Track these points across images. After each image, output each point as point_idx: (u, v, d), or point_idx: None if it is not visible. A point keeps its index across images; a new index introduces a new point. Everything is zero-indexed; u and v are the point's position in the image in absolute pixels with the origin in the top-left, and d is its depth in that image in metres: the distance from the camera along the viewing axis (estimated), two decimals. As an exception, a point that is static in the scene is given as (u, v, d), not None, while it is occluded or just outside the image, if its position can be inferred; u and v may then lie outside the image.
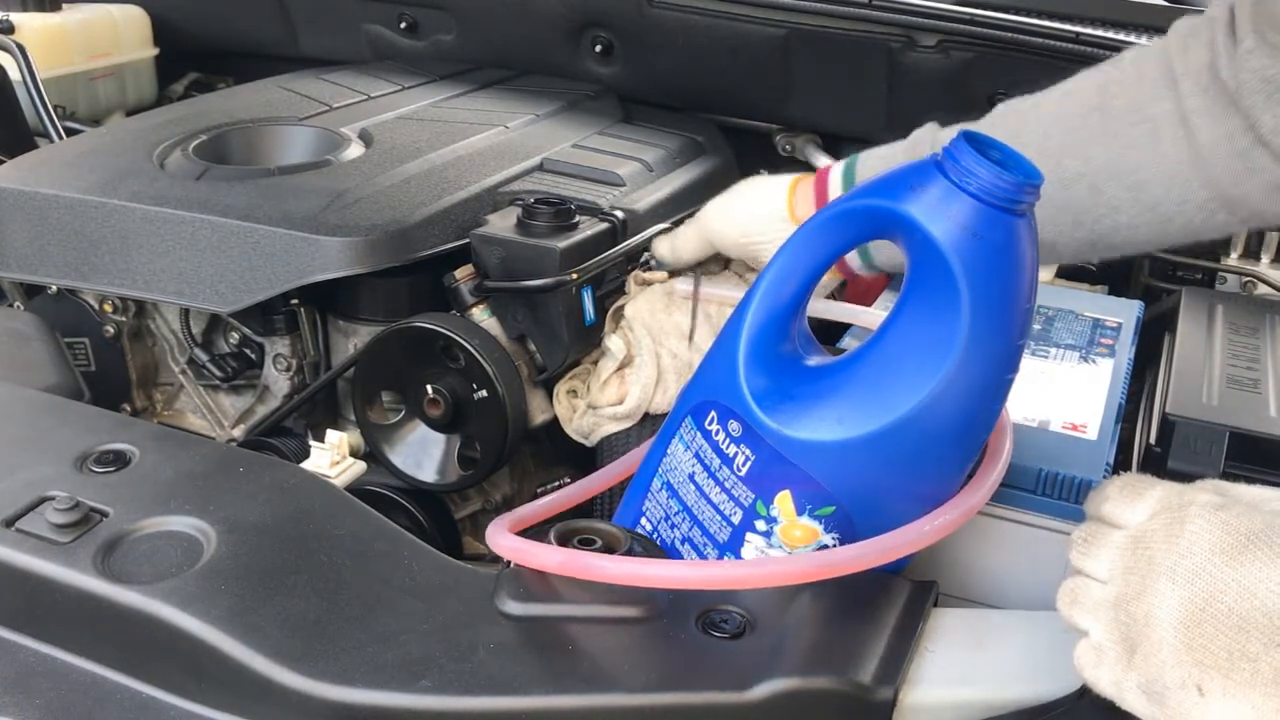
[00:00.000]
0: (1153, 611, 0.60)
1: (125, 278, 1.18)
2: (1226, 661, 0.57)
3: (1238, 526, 0.59)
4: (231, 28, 1.92)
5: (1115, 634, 0.62)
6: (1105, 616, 0.63)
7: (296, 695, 0.67)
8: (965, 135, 0.73)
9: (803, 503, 0.78)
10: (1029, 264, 0.74)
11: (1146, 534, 0.63)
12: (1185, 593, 0.59)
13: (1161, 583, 0.60)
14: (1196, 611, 0.58)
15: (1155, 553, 0.61)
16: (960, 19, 1.44)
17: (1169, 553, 0.61)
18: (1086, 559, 0.66)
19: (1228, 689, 0.57)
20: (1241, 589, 0.57)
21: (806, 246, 0.81)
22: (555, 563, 0.75)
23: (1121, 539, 0.65)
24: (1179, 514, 0.62)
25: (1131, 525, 0.65)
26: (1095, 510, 0.68)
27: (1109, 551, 0.65)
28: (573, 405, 1.19)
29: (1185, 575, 0.59)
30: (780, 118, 1.63)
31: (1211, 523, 0.60)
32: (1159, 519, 0.63)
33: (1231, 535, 0.59)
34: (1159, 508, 0.64)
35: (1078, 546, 0.67)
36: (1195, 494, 0.63)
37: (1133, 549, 0.63)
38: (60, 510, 0.76)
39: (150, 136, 1.33)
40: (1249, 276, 1.36)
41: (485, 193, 1.26)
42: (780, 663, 0.69)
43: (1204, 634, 0.58)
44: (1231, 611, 0.57)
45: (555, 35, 1.68)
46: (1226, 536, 0.59)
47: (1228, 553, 0.58)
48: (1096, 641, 0.64)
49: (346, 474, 1.01)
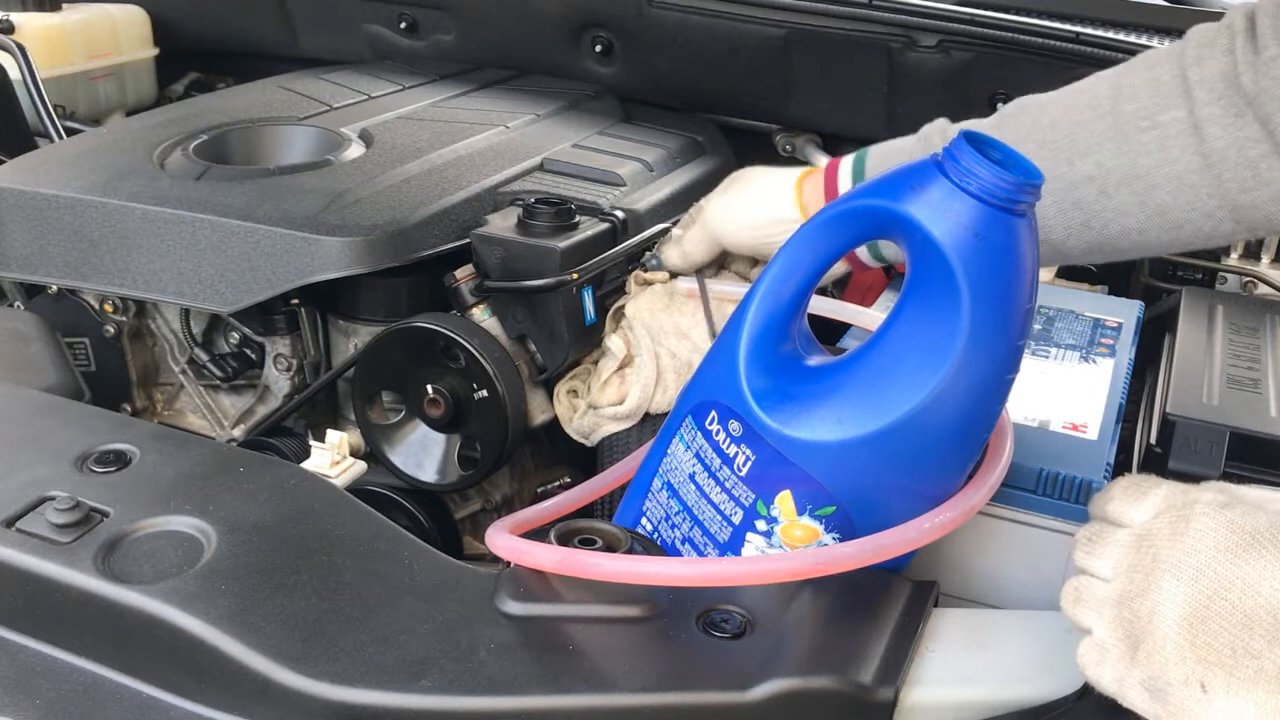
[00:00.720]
0: (1156, 608, 0.60)
1: (125, 278, 1.18)
2: (1230, 658, 0.57)
3: (1242, 525, 0.59)
4: (231, 28, 1.92)
5: (1118, 631, 0.62)
6: (1108, 614, 0.63)
7: (296, 695, 0.67)
8: (965, 135, 0.73)
9: (803, 503, 0.78)
10: (1029, 264, 0.74)
11: (1151, 532, 0.63)
12: (1189, 590, 0.59)
13: (1166, 580, 0.60)
14: (1201, 609, 0.58)
15: (1159, 550, 0.62)
16: (960, 19, 1.44)
17: (1173, 550, 0.61)
18: (1090, 558, 0.66)
19: (1231, 686, 0.57)
20: (1246, 586, 0.57)
21: (807, 246, 0.81)
22: (552, 561, 0.75)
23: (1126, 537, 0.65)
24: (1184, 512, 0.62)
25: (1136, 524, 0.65)
26: (1100, 510, 0.69)
27: (1113, 550, 0.65)
28: (573, 405, 1.19)
29: (1190, 572, 0.59)
30: (780, 118, 1.63)
31: (1216, 521, 0.60)
32: (1164, 517, 0.63)
33: (1236, 533, 0.59)
34: (1163, 506, 0.64)
35: (1082, 546, 0.67)
36: (1200, 493, 0.63)
37: (1137, 546, 0.63)
38: (60, 510, 0.76)
39: (150, 136, 1.33)
40: (1249, 276, 1.36)
41: (485, 193, 1.26)
42: (781, 663, 0.69)
43: (1208, 631, 0.58)
44: (1236, 608, 0.57)
45: (555, 35, 1.68)
46: (1231, 534, 0.59)
47: (1232, 550, 0.58)
48: (1099, 639, 0.64)
49: (347, 474, 1.01)
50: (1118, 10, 1.54)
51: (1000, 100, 1.44)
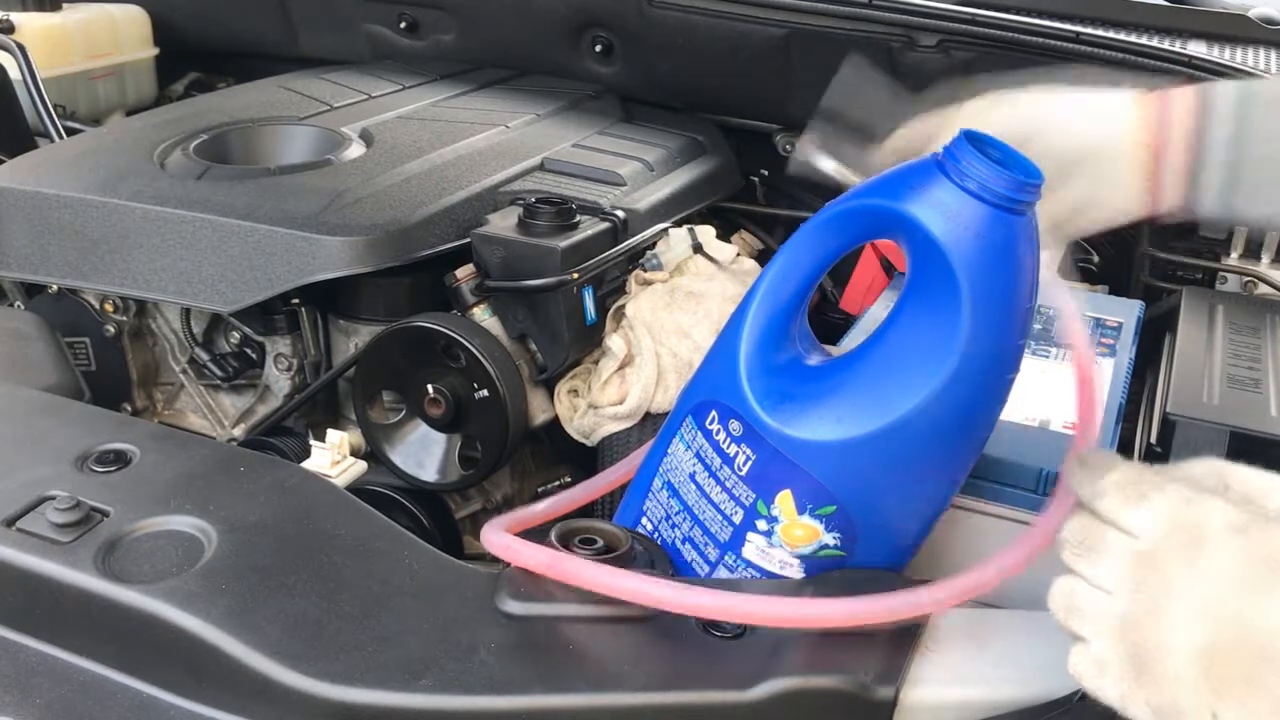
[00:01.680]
0: (1168, 640, 0.58)
1: (126, 277, 1.18)
2: (1244, 691, 0.56)
3: (1258, 552, 0.58)
4: (231, 28, 1.92)
5: (1121, 651, 0.61)
6: (1110, 631, 0.61)
7: (296, 695, 0.67)
8: (965, 135, 0.73)
9: (803, 502, 0.78)
10: (1029, 263, 0.74)
11: (1159, 554, 0.60)
12: (1206, 625, 0.57)
13: (1178, 611, 0.58)
14: (1216, 643, 0.57)
15: (1171, 577, 0.59)
16: (960, 19, 1.44)
17: (1187, 580, 0.59)
18: (1086, 563, 0.63)
19: (1244, 717, 0.56)
20: (1264, 619, 0.56)
21: (807, 246, 0.81)
22: (541, 563, 0.74)
23: (1128, 552, 0.62)
24: (1195, 534, 0.60)
25: (1138, 534, 0.62)
26: (1089, 502, 0.65)
27: (1115, 561, 0.62)
28: (573, 405, 1.19)
29: (1205, 605, 0.58)
30: (780, 118, 1.63)
31: (1232, 549, 0.58)
32: (1173, 539, 0.61)
33: (1253, 564, 0.58)
34: (1170, 524, 0.61)
35: (1072, 546, 0.64)
36: (1209, 511, 0.60)
37: (1144, 564, 0.61)
38: (61, 510, 0.76)
39: (150, 136, 1.33)
40: (1249, 276, 1.36)
41: (486, 192, 1.26)
42: (781, 662, 0.69)
43: (1223, 664, 0.56)
44: (1253, 642, 0.56)
45: (555, 35, 1.68)
46: (1248, 566, 0.58)
47: (1250, 584, 0.57)
48: (1099, 654, 0.62)
49: (347, 474, 1.01)
50: (1118, 10, 1.54)
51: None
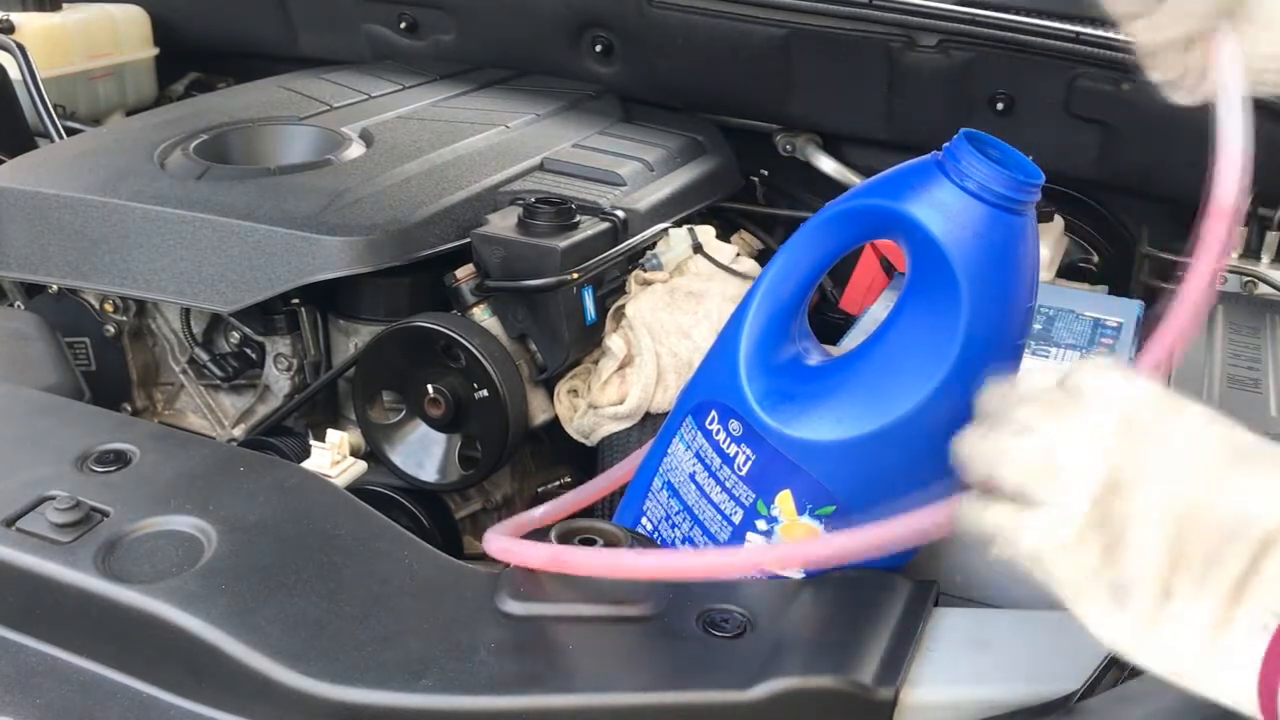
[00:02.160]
0: (1142, 508, 0.57)
1: (126, 277, 1.18)
2: (1202, 566, 0.56)
3: (1231, 438, 0.59)
4: (231, 28, 1.92)
5: (1095, 518, 0.58)
6: (1085, 496, 0.58)
7: (297, 695, 0.67)
8: (965, 135, 0.73)
9: (803, 502, 0.78)
10: (1029, 263, 0.74)
11: (1141, 422, 0.59)
12: (1182, 492, 0.57)
13: (1159, 476, 0.58)
14: (1185, 516, 0.57)
15: (1152, 445, 0.59)
16: (960, 19, 1.44)
17: (1167, 451, 0.58)
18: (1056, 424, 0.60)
19: (1195, 594, 0.56)
20: (1237, 499, 0.56)
21: (807, 246, 0.81)
22: (540, 559, 0.74)
23: (1111, 418, 0.59)
24: (1177, 406, 0.60)
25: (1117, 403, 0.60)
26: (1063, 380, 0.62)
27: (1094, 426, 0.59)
28: (573, 405, 1.19)
29: (1184, 477, 0.58)
30: (780, 118, 1.63)
31: (1210, 428, 0.59)
32: (1152, 409, 0.60)
33: (1229, 445, 0.59)
34: (1149, 395, 0.60)
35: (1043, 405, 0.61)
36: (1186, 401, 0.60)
37: (1127, 433, 0.59)
38: (61, 510, 0.76)
39: (150, 136, 1.33)
40: (1249, 276, 1.36)
41: (486, 192, 1.26)
42: (781, 662, 0.69)
43: (1187, 538, 0.57)
44: (1221, 519, 0.56)
45: (555, 35, 1.68)
46: (1225, 444, 0.59)
47: (1227, 462, 0.58)
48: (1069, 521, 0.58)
49: (347, 474, 1.01)
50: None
51: (1000, 100, 1.44)
